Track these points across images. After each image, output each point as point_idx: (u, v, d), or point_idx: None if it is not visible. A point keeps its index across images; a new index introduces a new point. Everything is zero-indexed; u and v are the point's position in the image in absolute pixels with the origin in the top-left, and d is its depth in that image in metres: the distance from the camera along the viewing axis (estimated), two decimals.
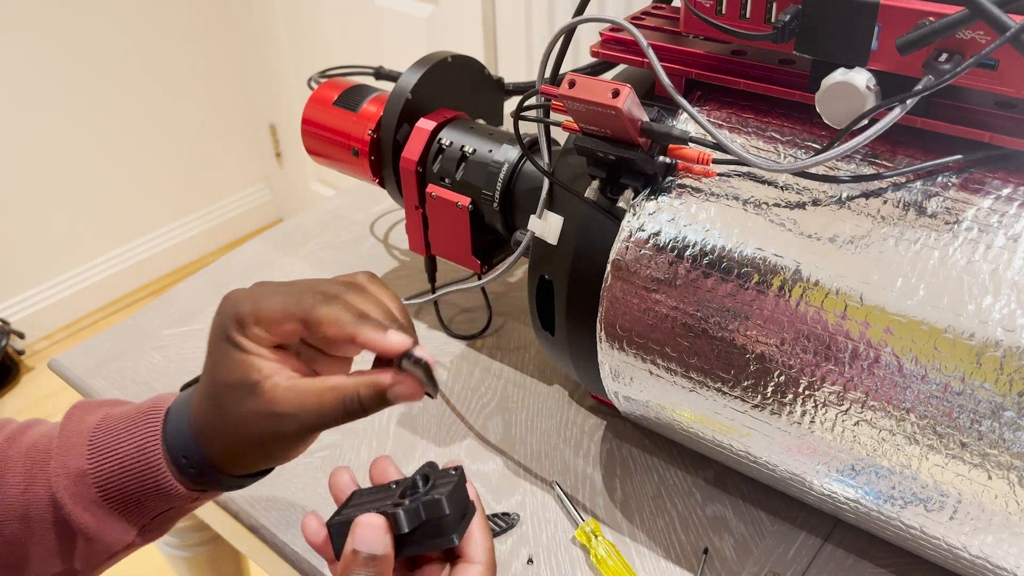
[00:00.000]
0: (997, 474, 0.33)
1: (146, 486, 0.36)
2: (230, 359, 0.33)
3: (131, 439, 0.36)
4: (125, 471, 0.36)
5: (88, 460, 0.36)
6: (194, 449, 0.36)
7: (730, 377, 0.39)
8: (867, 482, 0.37)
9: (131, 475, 0.36)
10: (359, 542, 0.31)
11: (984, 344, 0.32)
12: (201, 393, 0.35)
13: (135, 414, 0.38)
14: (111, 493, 0.36)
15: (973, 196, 0.34)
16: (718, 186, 0.40)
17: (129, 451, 0.36)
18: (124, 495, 0.36)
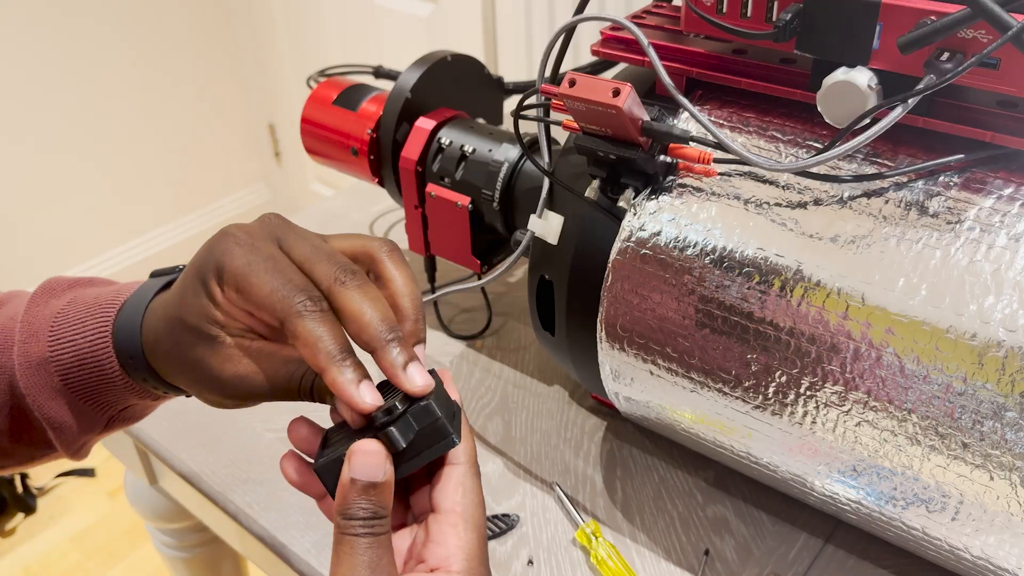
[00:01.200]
0: (999, 475, 0.33)
1: (102, 380, 0.36)
2: (198, 302, 0.32)
3: (85, 330, 0.36)
4: (82, 363, 0.36)
5: (49, 347, 0.36)
6: (140, 357, 0.35)
7: (731, 378, 0.39)
8: (868, 483, 0.37)
9: (87, 367, 0.36)
10: (357, 471, 0.29)
11: (986, 344, 0.32)
12: (161, 312, 0.34)
13: (93, 303, 0.37)
14: (73, 382, 0.36)
15: (975, 196, 0.34)
16: (719, 186, 0.39)
17: (82, 345, 0.36)
18: (85, 385, 0.36)
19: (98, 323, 0.36)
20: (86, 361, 0.36)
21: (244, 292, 0.31)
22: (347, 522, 0.29)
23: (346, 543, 0.29)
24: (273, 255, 0.31)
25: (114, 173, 1.68)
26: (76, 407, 0.36)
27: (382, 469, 0.29)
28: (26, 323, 0.37)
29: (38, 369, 0.36)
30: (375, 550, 0.29)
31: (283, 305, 0.30)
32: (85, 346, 0.36)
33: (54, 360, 0.36)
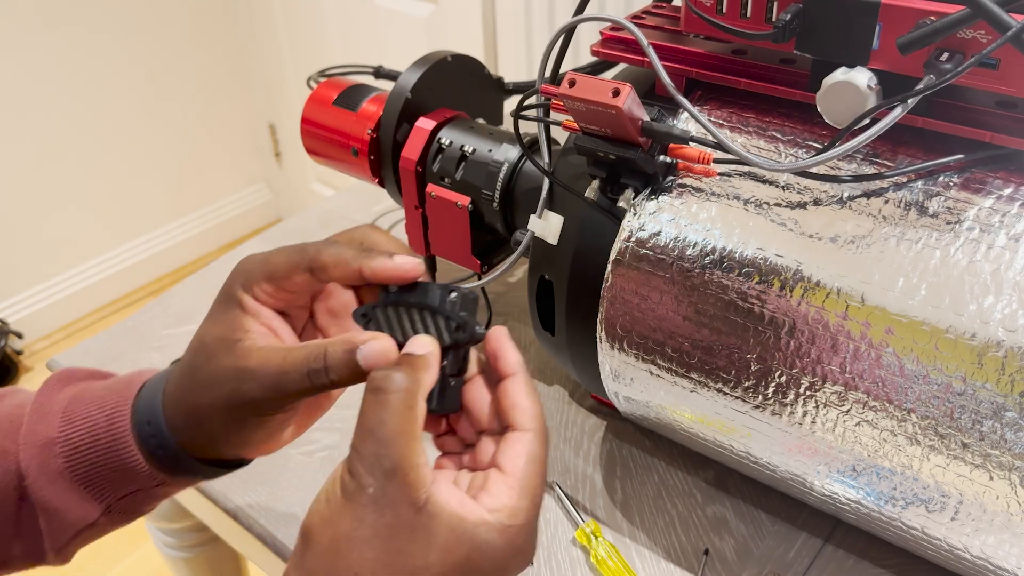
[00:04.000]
0: (998, 475, 0.33)
1: (111, 459, 0.35)
2: (225, 315, 0.33)
3: (103, 408, 0.35)
4: (94, 441, 0.35)
5: (59, 429, 0.35)
6: (159, 418, 0.34)
7: (731, 378, 0.39)
8: (868, 483, 0.37)
9: (98, 446, 0.35)
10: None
11: (986, 344, 0.32)
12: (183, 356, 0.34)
13: (113, 383, 0.36)
14: (77, 464, 0.35)
15: (974, 196, 0.34)
16: (719, 186, 0.39)
17: (99, 420, 0.35)
18: (90, 468, 0.35)
19: (120, 399, 0.36)
20: (98, 439, 0.35)
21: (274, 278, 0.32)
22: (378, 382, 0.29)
23: (370, 399, 0.29)
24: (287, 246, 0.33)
25: (114, 173, 1.68)
26: (74, 492, 0.35)
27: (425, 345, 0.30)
28: (38, 405, 0.36)
29: (43, 449, 0.35)
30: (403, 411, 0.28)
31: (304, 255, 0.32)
32: (101, 421, 0.35)
33: (62, 440, 0.35)
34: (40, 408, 0.36)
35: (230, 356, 0.32)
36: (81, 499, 0.35)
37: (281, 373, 0.31)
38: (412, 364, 0.30)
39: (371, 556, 0.28)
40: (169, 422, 0.34)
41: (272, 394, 0.32)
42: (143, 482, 0.36)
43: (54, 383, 0.38)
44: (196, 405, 0.33)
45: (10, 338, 1.60)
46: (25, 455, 0.35)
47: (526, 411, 0.31)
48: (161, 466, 0.35)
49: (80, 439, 0.35)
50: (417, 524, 0.28)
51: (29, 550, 0.37)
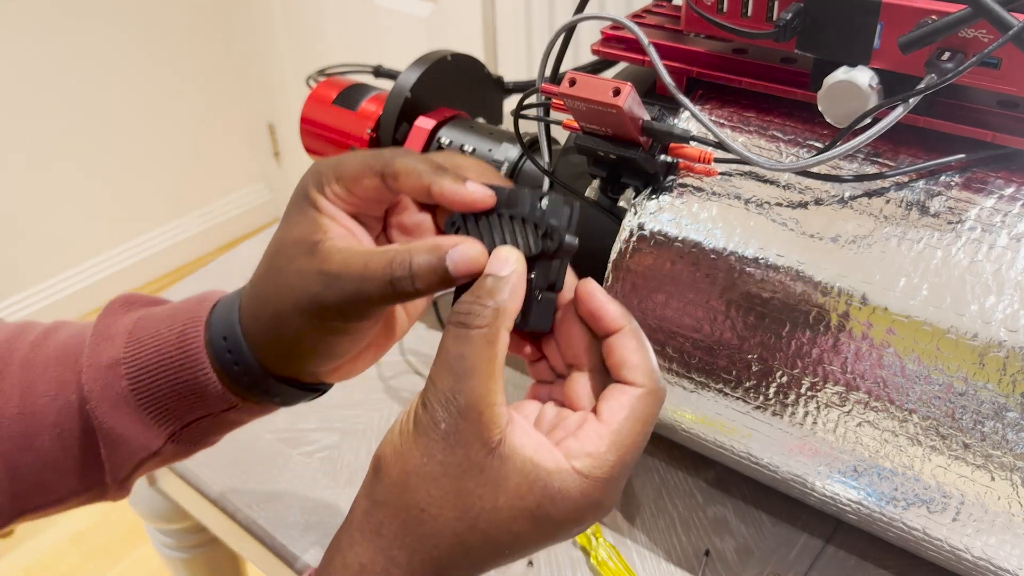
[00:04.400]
0: (1000, 475, 0.33)
1: (181, 380, 0.33)
2: (301, 216, 0.31)
3: (172, 326, 0.33)
4: (163, 361, 0.32)
5: (125, 349, 0.33)
6: (237, 332, 0.32)
7: (732, 378, 0.39)
8: (869, 483, 0.37)
9: (168, 366, 0.32)
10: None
11: (987, 345, 0.32)
12: (261, 263, 0.32)
13: (183, 304, 0.34)
14: (143, 387, 0.33)
15: (976, 195, 0.34)
16: (720, 185, 0.39)
17: (169, 338, 0.33)
18: (157, 390, 0.33)
19: (191, 315, 0.33)
20: (167, 356, 0.33)
21: (345, 179, 0.31)
22: (460, 316, 0.28)
23: (451, 331, 0.28)
24: (362, 151, 0.32)
25: (114, 173, 1.68)
26: (138, 417, 0.33)
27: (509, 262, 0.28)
28: (100, 329, 0.34)
29: (107, 371, 0.33)
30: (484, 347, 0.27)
31: (379, 159, 0.31)
32: (172, 339, 0.33)
33: (127, 361, 0.33)
34: (104, 331, 0.34)
35: (311, 258, 0.30)
36: (145, 425, 0.33)
37: (363, 279, 0.29)
38: (494, 290, 0.28)
39: (438, 494, 0.27)
40: (247, 336, 0.32)
41: (354, 299, 0.29)
42: (213, 405, 0.33)
43: (117, 307, 0.35)
44: (277, 312, 0.31)
45: None
46: (88, 378, 0.33)
47: (636, 367, 0.29)
48: (236, 386, 0.33)
49: (148, 359, 0.33)
50: (487, 465, 0.27)
51: (89, 484, 0.35)
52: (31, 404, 0.34)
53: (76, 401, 0.33)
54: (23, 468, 0.34)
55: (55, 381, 0.34)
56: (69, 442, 0.34)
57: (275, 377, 0.33)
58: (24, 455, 0.34)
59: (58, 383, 0.34)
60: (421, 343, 0.62)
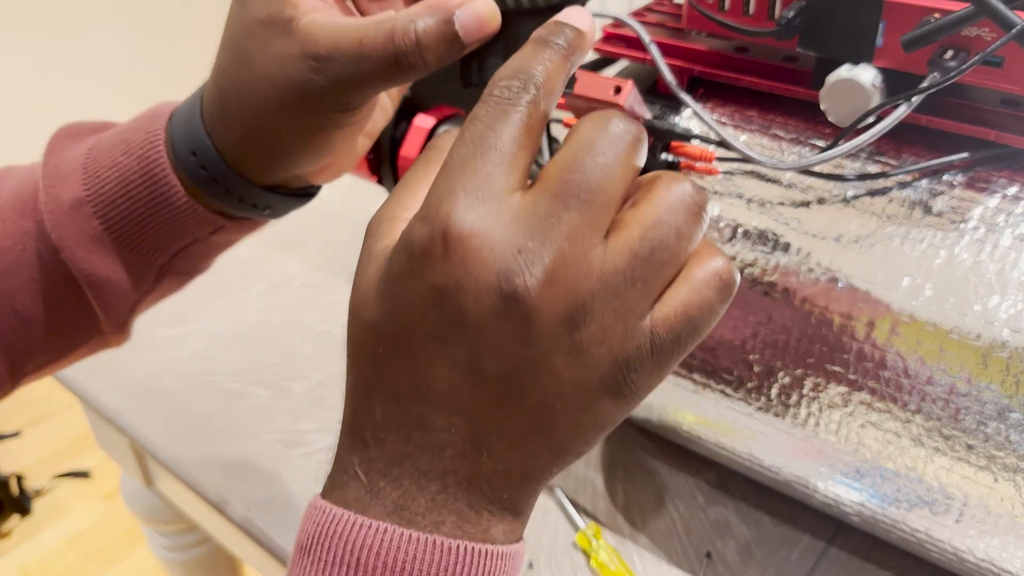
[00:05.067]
0: (1003, 476, 0.33)
1: (155, 209, 0.29)
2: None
3: (129, 151, 0.29)
4: (128, 192, 0.29)
5: (83, 185, 0.29)
6: (206, 143, 0.28)
7: (733, 379, 0.39)
8: (872, 485, 0.37)
9: (136, 197, 0.29)
10: None
11: (991, 345, 0.32)
12: (219, 55, 0.28)
13: (132, 124, 0.30)
14: (116, 224, 0.29)
15: (979, 195, 0.34)
16: (721, 184, 0.39)
17: (129, 165, 0.29)
18: (132, 225, 0.29)
19: (148, 135, 0.29)
20: (133, 186, 0.29)
21: None
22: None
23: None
24: None
25: None
26: (121, 256, 0.30)
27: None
28: (51, 168, 0.30)
29: (72, 215, 0.29)
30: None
31: None
32: (132, 165, 0.29)
33: (91, 200, 0.29)
34: (55, 169, 0.30)
35: (289, 40, 0.25)
36: (129, 264, 0.30)
37: (360, 58, 0.24)
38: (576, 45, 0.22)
39: None
40: (219, 146, 0.28)
41: (350, 83, 0.25)
42: (197, 230, 0.30)
43: (61, 140, 0.31)
44: (255, 112, 0.26)
45: None
46: (53, 224, 0.29)
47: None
48: (217, 204, 0.29)
49: (112, 193, 0.29)
50: None
51: (85, 336, 0.32)
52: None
53: (47, 252, 0.30)
54: (9, 335, 0.31)
55: (16, 235, 0.30)
56: (51, 298, 0.30)
57: (259, 187, 0.29)
58: (6, 322, 0.31)
59: (20, 236, 0.30)
60: None
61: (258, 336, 0.63)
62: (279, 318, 0.65)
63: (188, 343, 0.63)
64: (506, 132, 0.20)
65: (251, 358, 0.61)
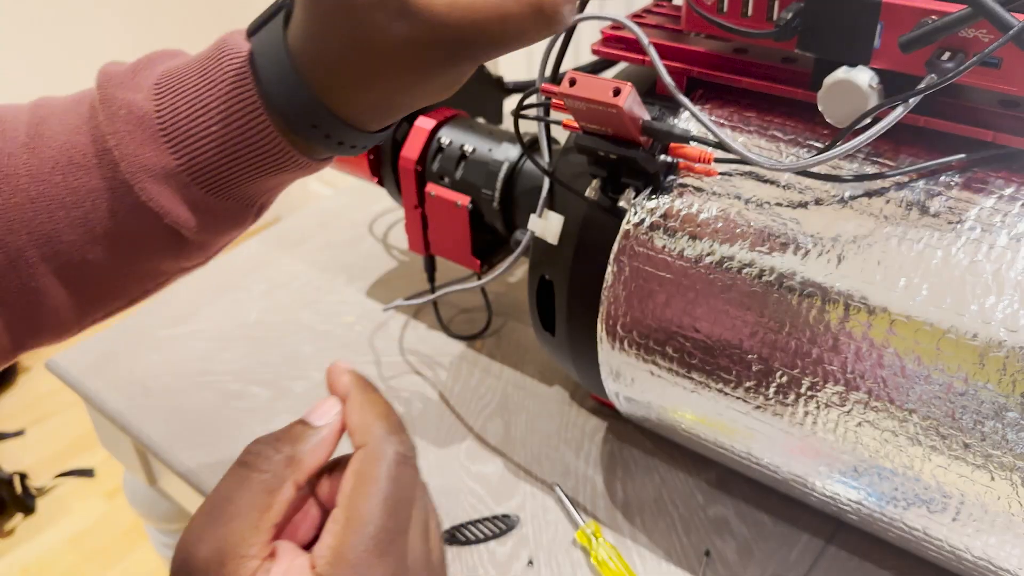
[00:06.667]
0: (1000, 475, 0.33)
1: (255, 157, 0.28)
2: None
3: (228, 119, 0.27)
4: (229, 157, 0.28)
5: (170, 150, 0.28)
6: (321, 109, 0.27)
7: (732, 378, 0.39)
8: (870, 483, 0.37)
9: (237, 157, 0.28)
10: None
11: (987, 344, 0.32)
12: (309, 24, 0.26)
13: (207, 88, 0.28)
14: (217, 187, 0.29)
15: (976, 195, 0.34)
16: (720, 185, 0.39)
17: (227, 133, 0.28)
18: (232, 183, 0.29)
19: (237, 86, 0.27)
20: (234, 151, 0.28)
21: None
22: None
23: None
24: None
25: None
26: (224, 211, 0.29)
27: None
28: (122, 134, 0.28)
29: (167, 182, 0.28)
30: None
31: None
32: (233, 135, 0.28)
33: (184, 168, 0.28)
34: (124, 126, 0.28)
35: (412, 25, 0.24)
36: (231, 216, 0.30)
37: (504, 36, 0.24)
38: (298, 439, 0.27)
39: None
40: (327, 101, 0.27)
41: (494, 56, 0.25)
42: (293, 171, 0.29)
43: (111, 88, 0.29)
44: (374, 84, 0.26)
45: None
46: (148, 194, 0.28)
47: (354, 430, 0.27)
48: (323, 151, 0.29)
49: (210, 160, 0.28)
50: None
51: (166, 281, 0.32)
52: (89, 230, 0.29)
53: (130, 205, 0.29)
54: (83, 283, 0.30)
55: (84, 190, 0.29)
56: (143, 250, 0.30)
57: (361, 131, 0.28)
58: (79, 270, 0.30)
59: (88, 192, 0.29)
60: (421, 343, 0.62)
61: (259, 336, 0.63)
62: (279, 318, 0.65)
63: (189, 343, 0.63)
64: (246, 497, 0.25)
65: (252, 358, 0.61)
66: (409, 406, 0.57)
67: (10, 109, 0.31)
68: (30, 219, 0.29)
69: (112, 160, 0.29)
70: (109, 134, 0.29)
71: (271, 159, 0.29)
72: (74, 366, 0.61)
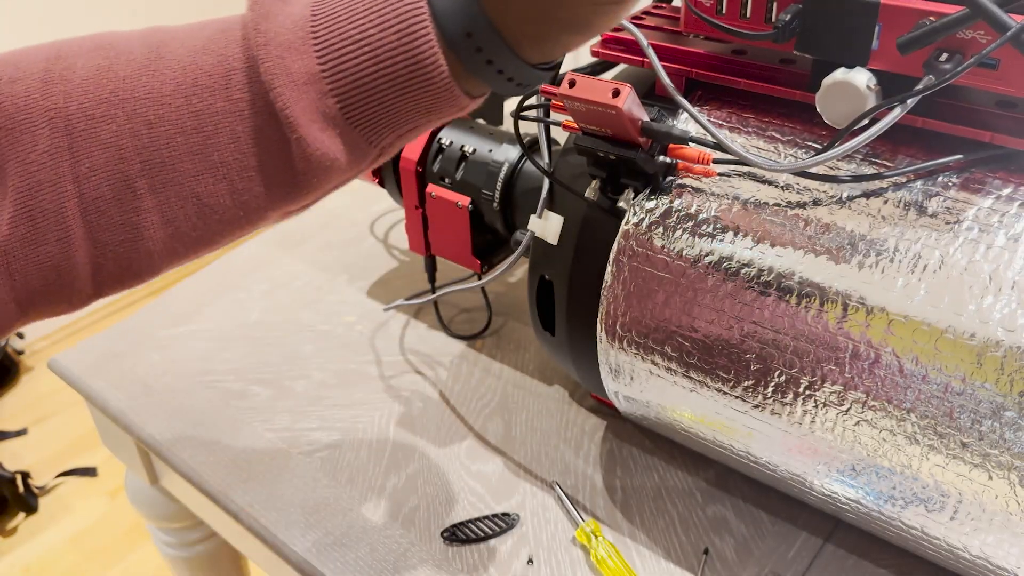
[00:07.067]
0: (998, 474, 0.33)
1: (408, 89, 0.26)
2: None
3: (385, 23, 0.26)
4: (381, 71, 0.26)
5: (317, 53, 0.26)
6: (482, 20, 0.25)
7: (730, 377, 0.39)
8: (868, 482, 0.37)
9: (388, 74, 0.26)
10: None
11: (985, 344, 0.32)
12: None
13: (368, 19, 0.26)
14: (354, 102, 0.27)
15: (974, 196, 0.34)
16: (718, 186, 0.39)
17: (385, 39, 0.26)
18: (372, 103, 0.27)
19: (408, 8, 0.26)
20: (386, 64, 0.26)
21: None
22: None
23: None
24: None
25: None
26: (348, 138, 0.28)
27: None
28: (268, 35, 0.27)
29: (304, 89, 0.26)
30: None
31: None
32: (389, 41, 0.26)
33: (327, 75, 0.26)
34: (274, 37, 0.27)
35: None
36: (353, 145, 0.28)
37: None
38: None
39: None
40: (499, 27, 0.25)
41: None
42: (443, 111, 0.28)
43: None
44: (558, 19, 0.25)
45: (11, 337, 1.60)
46: (284, 100, 0.26)
47: None
48: (477, 83, 0.27)
49: (357, 70, 0.26)
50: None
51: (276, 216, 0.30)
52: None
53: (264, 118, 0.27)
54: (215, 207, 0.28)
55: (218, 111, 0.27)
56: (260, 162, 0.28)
57: (531, 65, 0.27)
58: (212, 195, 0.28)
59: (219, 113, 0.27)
60: (421, 343, 0.62)
61: (259, 336, 0.63)
62: (280, 318, 0.65)
63: (191, 343, 0.63)
64: None
65: (253, 357, 0.61)
66: (409, 405, 0.57)
67: (120, 36, 0.29)
68: (145, 145, 0.27)
69: (244, 76, 0.27)
70: (257, 34, 0.27)
71: (422, 79, 0.26)
72: (76, 365, 0.61)
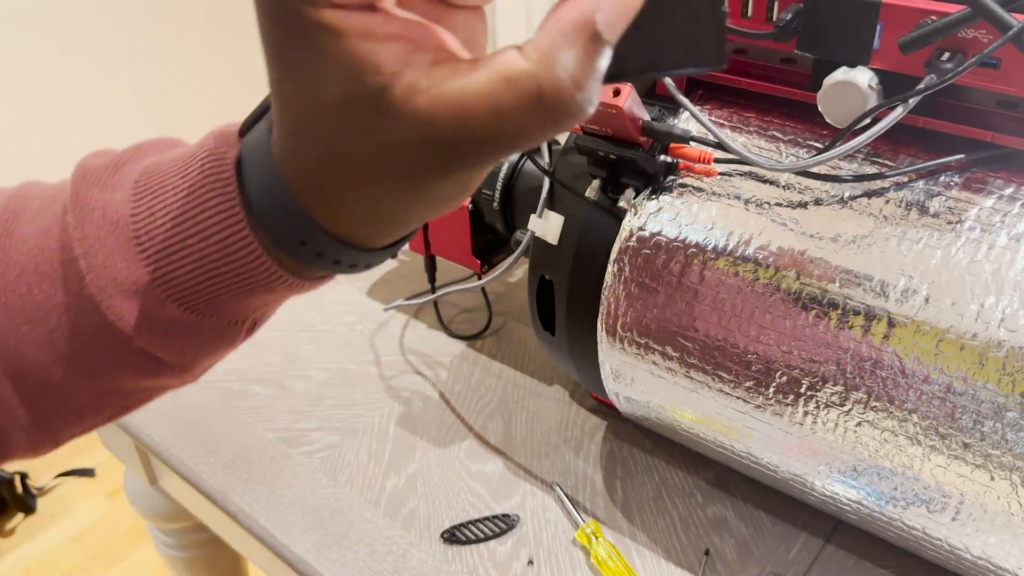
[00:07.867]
0: (999, 475, 0.33)
1: (238, 275, 0.25)
2: (317, 57, 0.19)
3: (200, 233, 0.24)
4: (209, 274, 0.24)
5: (144, 262, 0.25)
6: (314, 230, 0.23)
7: (731, 378, 0.39)
8: (869, 483, 0.37)
9: (217, 277, 0.25)
10: None
11: (987, 345, 0.32)
12: (286, 137, 0.22)
13: (188, 194, 0.25)
14: (197, 302, 0.25)
15: (975, 196, 0.34)
16: (719, 185, 0.39)
17: (208, 250, 0.24)
18: (215, 301, 0.25)
19: (220, 208, 0.24)
20: (213, 271, 0.24)
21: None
22: None
23: None
24: None
25: None
26: (208, 330, 0.26)
27: None
28: (90, 242, 0.25)
29: (140, 296, 0.25)
30: None
31: None
32: (213, 252, 0.24)
33: (174, 294, 0.25)
34: (99, 243, 0.25)
35: (391, 125, 0.20)
36: (208, 337, 0.26)
37: (499, 133, 0.19)
38: None
39: None
40: (320, 222, 0.23)
41: (485, 162, 0.21)
42: (285, 294, 0.26)
43: (85, 189, 0.26)
44: (367, 197, 0.22)
45: None
46: (115, 312, 0.25)
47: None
48: (317, 271, 0.26)
49: (188, 277, 0.25)
50: None
51: (153, 390, 0.29)
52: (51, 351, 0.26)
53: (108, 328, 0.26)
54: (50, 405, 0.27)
55: (49, 306, 0.26)
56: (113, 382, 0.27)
57: (362, 250, 0.25)
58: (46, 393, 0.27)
59: (53, 308, 0.26)
60: (421, 343, 0.62)
61: (259, 336, 0.63)
62: (280, 317, 0.65)
63: None
64: None
65: (252, 357, 0.61)
66: (410, 405, 0.57)
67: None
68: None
69: (78, 271, 0.25)
70: (77, 240, 0.25)
71: (256, 278, 0.25)
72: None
